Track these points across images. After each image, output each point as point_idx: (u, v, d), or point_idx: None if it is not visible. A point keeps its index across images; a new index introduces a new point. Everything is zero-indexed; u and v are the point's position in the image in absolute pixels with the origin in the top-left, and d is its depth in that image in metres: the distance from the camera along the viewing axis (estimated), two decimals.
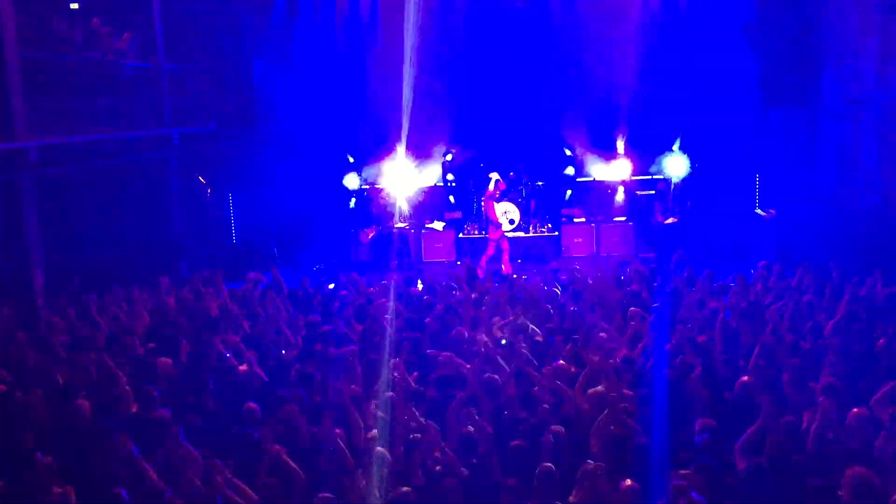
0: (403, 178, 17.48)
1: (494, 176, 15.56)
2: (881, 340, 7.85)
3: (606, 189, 17.91)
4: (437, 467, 6.09)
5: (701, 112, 16.44)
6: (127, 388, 7.65)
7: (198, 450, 6.35)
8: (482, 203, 16.42)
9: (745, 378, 7.16)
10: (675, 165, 17.12)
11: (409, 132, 17.37)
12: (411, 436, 6.42)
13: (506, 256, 15.36)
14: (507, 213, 17.25)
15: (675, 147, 17.13)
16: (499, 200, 15.92)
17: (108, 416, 7.22)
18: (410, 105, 16.93)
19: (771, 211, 15.27)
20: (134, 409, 7.37)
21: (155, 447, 6.43)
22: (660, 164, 17.16)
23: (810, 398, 6.72)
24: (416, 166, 17.70)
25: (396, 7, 17.04)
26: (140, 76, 14.39)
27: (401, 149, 17.23)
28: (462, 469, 6.11)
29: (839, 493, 5.31)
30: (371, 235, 17.18)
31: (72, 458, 6.47)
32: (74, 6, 14.40)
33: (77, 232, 13.39)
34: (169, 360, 8.44)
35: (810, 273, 10.52)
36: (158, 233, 15.28)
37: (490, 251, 15.42)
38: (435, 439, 6.47)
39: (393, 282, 11.43)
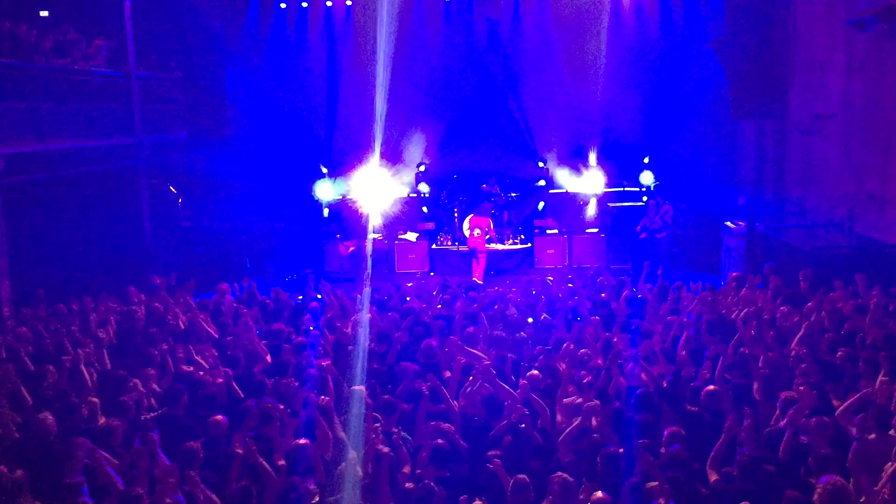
0: (376, 188, 17.43)
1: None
2: (840, 353, 7.94)
3: (579, 201, 17.98)
4: (407, 483, 6.05)
5: (671, 125, 16.63)
6: (95, 399, 7.55)
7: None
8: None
9: (711, 388, 7.22)
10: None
11: (382, 142, 17.36)
12: (382, 450, 6.35)
13: (481, 267, 15.60)
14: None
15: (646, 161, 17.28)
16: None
17: (75, 428, 7.11)
18: (384, 115, 16.93)
19: (739, 223, 15.41)
20: (101, 422, 7.26)
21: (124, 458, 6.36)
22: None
23: (780, 408, 6.78)
24: (389, 177, 17.64)
25: (370, 17, 17.05)
26: (111, 84, 14.24)
27: (374, 159, 17.18)
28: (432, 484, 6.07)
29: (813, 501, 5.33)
30: (351, 249, 17.07)
31: (38, 471, 6.36)
32: (44, 14, 14.25)
33: (45, 241, 13.21)
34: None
35: (779, 285, 10.63)
36: (128, 242, 15.09)
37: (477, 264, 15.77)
38: (405, 454, 6.45)
39: (366, 294, 11.35)
